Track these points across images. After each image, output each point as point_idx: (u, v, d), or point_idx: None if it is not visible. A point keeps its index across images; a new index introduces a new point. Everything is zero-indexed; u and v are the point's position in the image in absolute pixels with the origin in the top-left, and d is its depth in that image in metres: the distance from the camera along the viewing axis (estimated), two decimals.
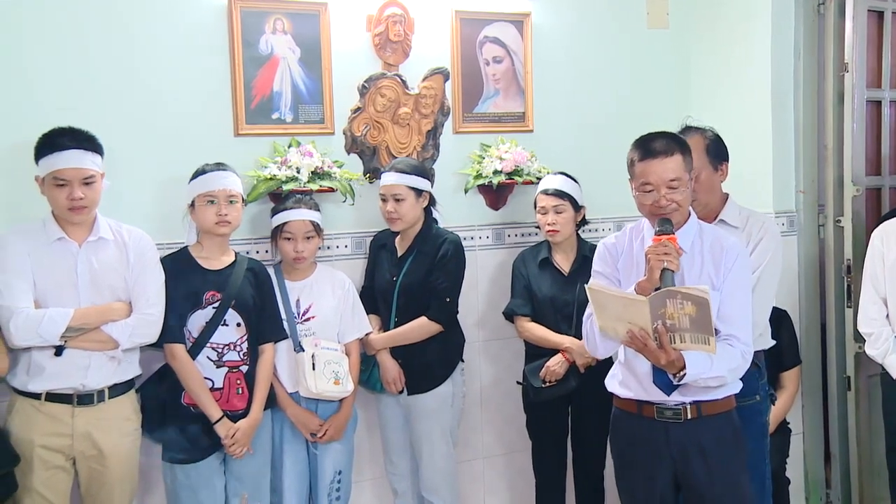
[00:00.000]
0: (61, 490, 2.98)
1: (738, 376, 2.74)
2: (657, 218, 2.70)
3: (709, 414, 2.74)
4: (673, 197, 2.68)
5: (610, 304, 2.62)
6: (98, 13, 3.33)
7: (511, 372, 4.06)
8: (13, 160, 3.12)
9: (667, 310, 2.48)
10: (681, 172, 2.69)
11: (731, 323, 2.69)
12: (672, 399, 2.74)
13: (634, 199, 2.78)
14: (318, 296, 3.47)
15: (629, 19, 4.38)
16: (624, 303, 2.58)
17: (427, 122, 3.92)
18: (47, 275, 2.93)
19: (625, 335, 2.59)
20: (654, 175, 2.68)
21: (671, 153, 2.69)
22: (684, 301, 2.43)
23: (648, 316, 2.50)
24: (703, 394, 2.71)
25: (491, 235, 4.13)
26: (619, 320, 2.60)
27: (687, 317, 2.45)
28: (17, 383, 2.95)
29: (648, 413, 2.79)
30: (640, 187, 2.73)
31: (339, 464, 3.48)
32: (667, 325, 2.50)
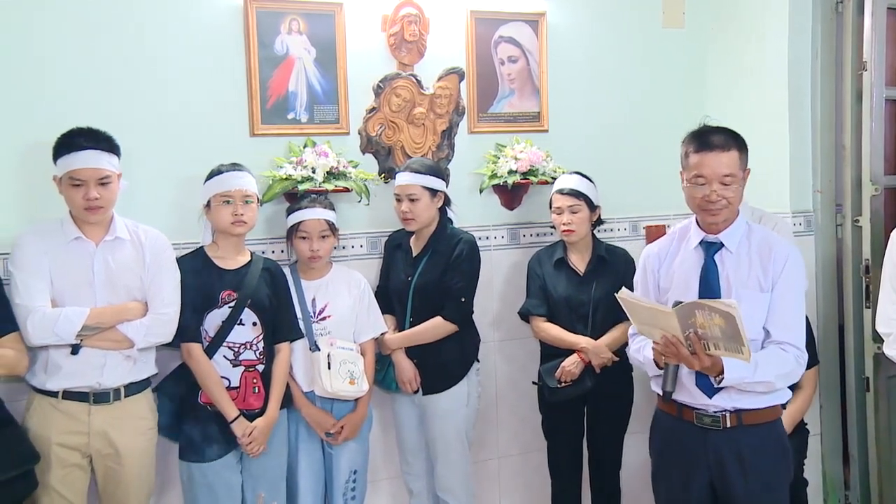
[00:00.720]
0: (78, 488, 3.00)
1: (790, 382, 2.70)
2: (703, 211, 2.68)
3: (750, 423, 2.71)
4: (724, 193, 2.65)
5: (640, 313, 2.62)
6: (115, 14, 3.35)
7: (526, 372, 4.05)
8: (33, 160, 3.15)
9: (696, 319, 2.47)
10: (735, 169, 2.66)
11: (782, 327, 2.66)
12: (712, 405, 2.71)
13: (684, 191, 2.75)
14: (334, 295, 3.48)
15: (645, 18, 4.36)
16: (653, 313, 2.58)
17: (442, 122, 3.92)
18: (64, 274, 2.95)
19: (659, 339, 2.58)
20: (708, 168, 2.65)
21: (728, 148, 2.66)
22: (712, 313, 2.42)
23: (677, 326, 2.50)
24: (746, 401, 2.68)
25: (506, 235, 4.12)
26: (651, 326, 2.60)
27: (717, 327, 2.43)
28: (35, 382, 2.97)
29: (688, 417, 2.78)
30: (692, 180, 2.70)
31: (355, 463, 3.48)
32: (699, 334, 2.49)
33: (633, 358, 2.93)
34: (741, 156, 2.69)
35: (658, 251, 2.91)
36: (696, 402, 2.75)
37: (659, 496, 2.95)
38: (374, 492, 3.81)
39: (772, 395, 2.71)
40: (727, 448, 2.71)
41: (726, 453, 2.71)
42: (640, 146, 4.33)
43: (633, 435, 3.86)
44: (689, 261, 2.79)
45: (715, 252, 2.75)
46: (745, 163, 2.72)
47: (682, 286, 2.77)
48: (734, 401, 2.69)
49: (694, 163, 2.69)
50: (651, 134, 4.32)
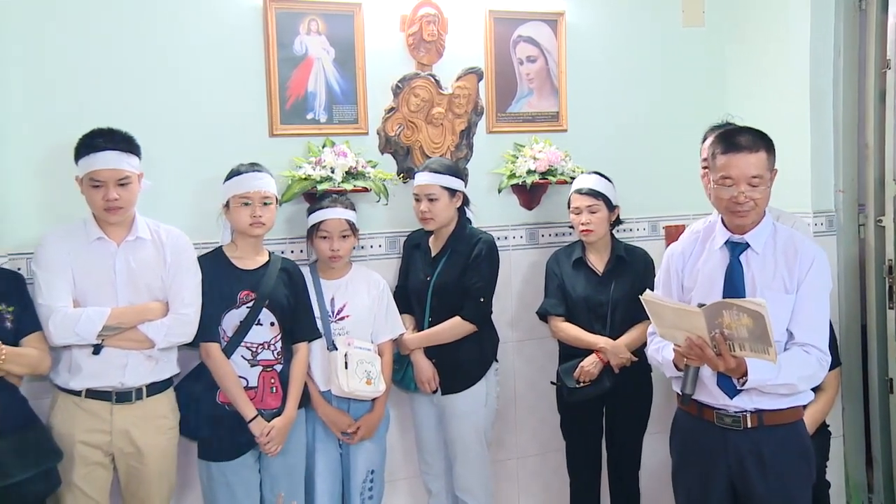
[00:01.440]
0: (101, 486, 3.02)
1: (813, 385, 2.68)
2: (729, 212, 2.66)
3: (771, 424, 2.68)
4: (752, 195, 2.63)
5: (665, 314, 2.60)
6: (135, 15, 3.38)
7: (545, 372, 4.05)
8: (56, 161, 3.17)
9: (723, 319, 2.45)
10: (763, 170, 2.64)
11: (806, 329, 2.64)
12: (733, 405, 2.70)
13: (711, 191, 2.74)
14: (353, 295, 3.48)
15: (664, 17, 4.34)
16: (679, 313, 2.56)
17: (461, 122, 3.92)
18: (86, 274, 2.98)
19: (683, 342, 2.57)
20: (735, 169, 2.63)
21: (756, 149, 2.63)
22: (740, 313, 2.40)
23: (704, 326, 2.48)
24: (768, 402, 2.66)
25: (525, 235, 4.12)
26: (675, 328, 2.58)
27: (744, 327, 2.41)
28: (59, 381, 3.00)
29: (708, 417, 2.76)
30: (719, 181, 2.68)
31: (372, 463, 3.49)
32: (725, 334, 2.47)
33: (652, 358, 2.92)
34: (769, 157, 2.67)
35: (682, 250, 2.90)
36: (717, 402, 2.73)
37: (679, 496, 2.94)
38: (392, 491, 3.82)
39: (793, 396, 2.69)
40: (747, 448, 2.69)
41: (746, 454, 2.69)
42: (660, 146, 4.31)
43: (652, 435, 3.85)
44: (714, 261, 2.77)
45: (740, 252, 2.73)
46: (773, 163, 2.69)
47: (706, 286, 2.75)
48: (755, 401, 2.67)
49: (721, 164, 2.67)
50: (671, 133, 4.30)
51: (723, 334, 2.47)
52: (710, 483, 2.76)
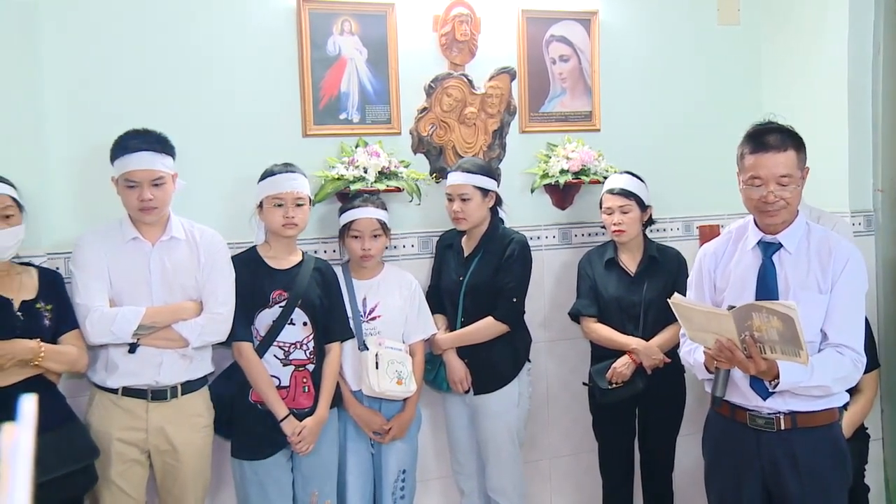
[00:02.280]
0: (137, 483, 3.06)
1: (848, 386, 2.64)
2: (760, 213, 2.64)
3: (805, 426, 2.64)
4: (782, 194, 2.59)
5: (694, 317, 2.58)
6: (169, 17, 3.41)
7: (577, 373, 4.03)
8: (93, 161, 3.21)
9: (753, 322, 2.42)
10: (793, 169, 2.60)
11: (840, 330, 2.59)
12: (766, 407, 2.66)
13: (741, 192, 2.71)
14: (385, 295, 3.49)
15: (699, 15, 4.31)
16: (708, 317, 2.53)
17: (493, 122, 3.91)
18: (122, 274, 3.01)
19: (713, 345, 2.54)
20: (764, 169, 2.59)
21: (784, 148, 2.59)
22: (770, 315, 2.37)
23: (734, 328, 2.45)
24: (801, 404, 2.62)
25: (557, 235, 4.10)
26: (705, 331, 2.56)
27: (774, 330, 2.38)
28: (96, 379, 3.03)
29: (741, 418, 2.72)
30: (748, 181, 2.64)
31: (403, 463, 3.50)
32: (755, 337, 2.44)
33: (685, 360, 2.89)
34: (799, 155, 2.63)
35: (714, 251, 2.87)
36: (750, 403, 2.70)
37: (711, 498, 2.91)
38: (424, 491, 3.83)
39: (828, 398, 2.64)
40: (781, 451, 2.66)
41: (780, 456, 2.66)
42: (695, 145, 4.28)
43: (685, 436, 3.82)
44: (746, 261, 2.74)
45: (773, 252, 2.70)
46: (804, 162, 2.65)
47: (738, 287, 2.72)
48: (789, 403, 2.63)
49: (750, 164, 2.64)
50: (705, 133, 4.27)
51: (753, 337, 2.44)
52: (743, 485, 2.73)
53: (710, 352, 2.57)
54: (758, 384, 2.65)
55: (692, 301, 2.73)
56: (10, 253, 2.85)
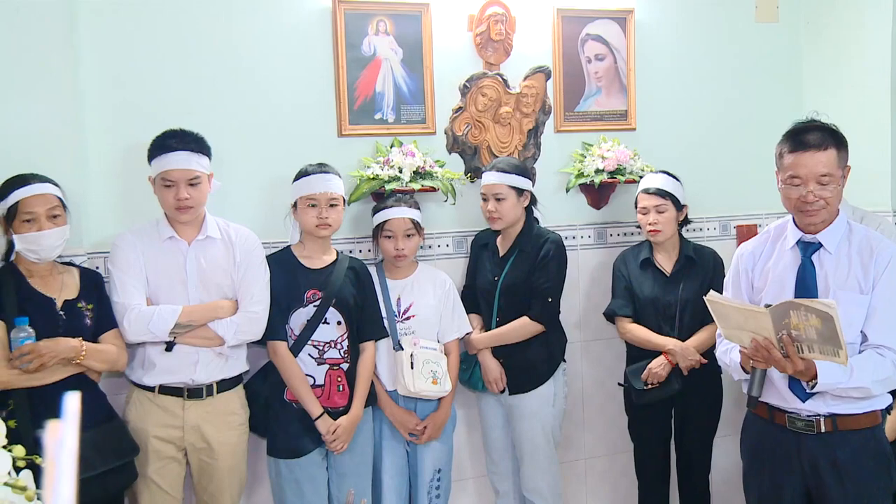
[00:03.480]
0: (174, 480, 3.09)
1: (889, 388, 2.59)
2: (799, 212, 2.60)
3: (847, 429, 2.60)
4: (822, 193, 2.55)
5: (731, 315, 2.54)
6: (206, 19, 3.44)
7: (613, 373, 4.01)
8: (130, 161, 3.25)
9: (791, 320, 2.38)
10: (833, 168, 2.55)
11: (881, 331, 2.54)
12: (806, 408, 2.62)
13: (779, 191, 2.68)
14: (419, 294, 3.50)
15: (736, 13, 4.27)
16: (745, 314, 2.49)
17: (528, 121, 3.91)
18: (159, 273, 3.04)
19: (749, 344, 2.51)
20: (803, 169, 2.55)
21: (824, 147, 2.55)
22: (808, 314, 2.32)
23: (771, 327, 2.42)
24: (842, 406, 2.58)
25: (592, 235, 4.09)
26: (741, 329, 2.52)
27: (813, 328, 2.33)
28: (133, 377, 3.07)
29: (780, 420, 2.69)
30: (787, 180, 2.61)
31: (439, 462, 3.50)
32: (792, 336, 2.40)
33: (721, 360, 2.87)
34: (839, 154, 2.58)
35: (752, 250, 2.83)
36: (789, 405, 2.66)
37: (750, 501, 2.88)
38: (459, 491, 3.83)
39: (870, 400, 2.60)
40: (822, 454, 2.61)
41: (821, 459, 2.61)
42: (732, 144, 4.24)
43: (722, 438, 3.80)
44: (785, 260, 2.70)
45: (813, 252, 2.66)
46: (845, 161, 2.61)
47: (777, 286, 2.69)
48: (829, 405, 2.59)
49: (789, 163, 2.60)
50: (743, 132, 4.23)
51: (790, 336, 2.40)
52: (782, 488, 2.69)
53: (747, 351, 2.54)
54: (796, 386, 2.61)
55: (729, 298, 2.70)
56: (56, 253, 2.89)
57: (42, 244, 2.81)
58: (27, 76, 3.10)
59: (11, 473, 1.28)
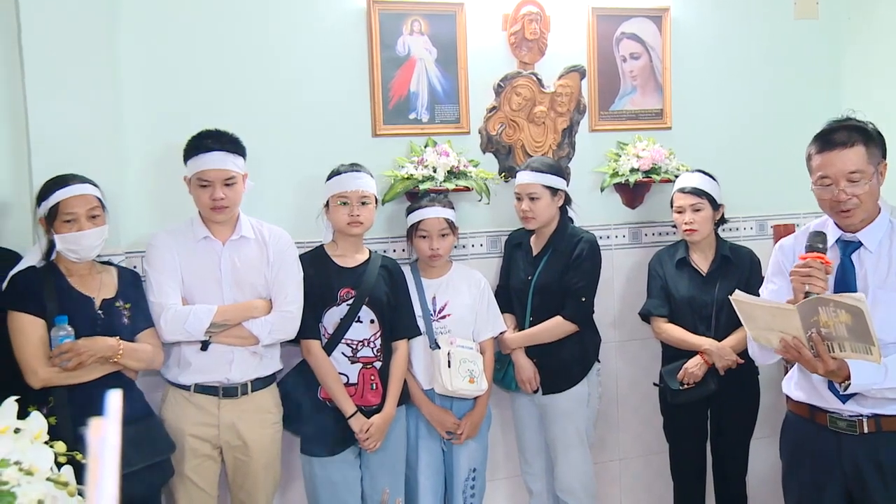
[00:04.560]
0: (210, 477, 3.12)
1: None
2: (835, 213, 2.55)
3: (891, 430, 2.53)
4: (854, 191, 2.50)
5: (758, 314, 2.49)
6: (242, 19, 3.46)
7: (648, 373, 3.99)
8: (168, 161, 3.27)
9: (820, 317, 2.33)
10: (863, 164, 2.49)
11: None
12: (847, 409, 2.56)
13: (813, 193, 2.64)
14: (454, 294, 3.50)
15: (774, 10, 4.22)
16: (772, 312, 2.45)
17: (563, 121, 3.89)
18: (194, 272, 3.07)
19: (778, 344, 2.47)
20: (832, 168, 2.50)
21: (852, 144, 2.50)
22: (837, 309, 2.27)
23: (800, 325, 2.36)
24: (886, 407, 2.51)
25: (627, 234, 4.07)
26: (769, 329, 2.48)
27: (843, 325, 2.27)
28: (169, 376, 3.10)
29: (821, 420, 2.63)
30: (817, 181, 2.56)
31: (474, 461, 3.50)
32: (822, 333, 2.35)
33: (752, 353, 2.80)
34: (868, 149, 2.51)
35: (792, 245, 2.79)
36: (829, 405, 2.62)
37: (789, 502, 2.83)
38: (493, 490, 3.82)
39: None
40: (865, 455, 2.55)
41: (864, 461, 2.55)
42: (769, 143, 4.20)
43: (760, 439, 3.76)
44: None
45: (853, 251, 2.60)
46: (876, 156, 2.54)
47: None
48: (871, 406, 2.54)
49: (817, 164, 2.56)
50: (781, 130, 4.18)
51: (820, 333, 2.35)
52: (823, 490, 2.64)
53: (777, 352, 2.50)
54: (834, 386, 2.57)
55: (755, 297, 2.65)
56: (95, 252, 2.92)
57: (82, 244, 2.85)
58: (68, 78, 3.13)
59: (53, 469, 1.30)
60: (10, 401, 1.38)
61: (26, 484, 1.18)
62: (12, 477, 1.16)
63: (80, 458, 1.31)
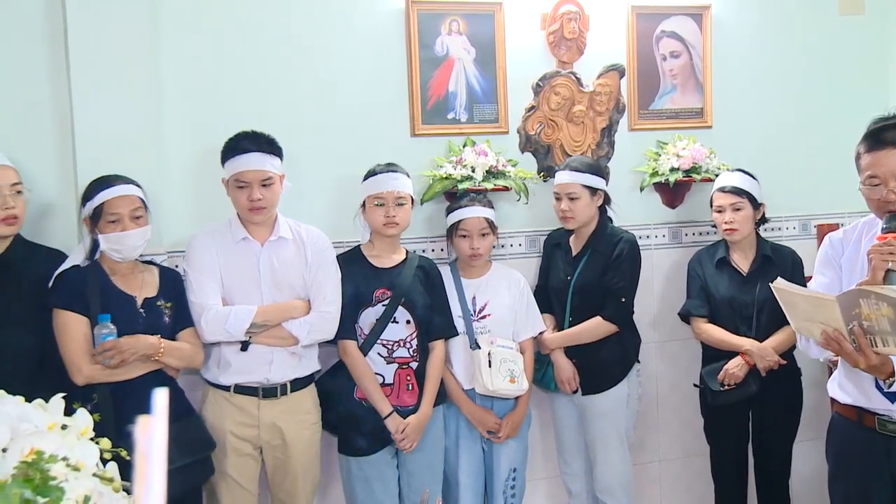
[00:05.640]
0: (251, 476, 3.14)
1: None
2: (883, 214, 2.51)
3: None
4: None
5: (798, 304, 2.46)
6: (281, 20, 3.48)
7: (688, 374, 3.95)
8: (205, 163, 3.30)
9: (861, 310, 2.29)
10: None
11: None
12: None
13: (861, 193, 2.60)
14: (494, 294, 3.49)
15: (818, 5, 4.17)
16: (812, 302, 2.41)
17: (602, 120, 3.87)
18: (233, 273, 3.08)
19: (819, 337, 2.43)
20: (881, 167, 2.45)
21: None
22: (879, 302, 2.22)
23: (839, 316, 2.32)
24: None
25: (667, 234, 4.03)
26: (811, 321, 2.43)
27: (885, 318, 2.22)
28: (209, 376, 3.12)
29: (869, 423, 2.58)
30: (866, 181, 2.51)
31: (514, 461, 3.49)
32: (864, 327, 2.31)
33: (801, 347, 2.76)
34: None
35: (842, 238, 2.74)
36: (878, 407, 2.57)
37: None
38: (532, 491, 3.81)
39: None
40: None
41: None
42: (813, 141, 4.14)
43: (803, 442, 3.71)
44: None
45: None
46: None
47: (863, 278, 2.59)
48: None
49: (866, 163, 2.51)
50: (825, 128, 4.13)
51: (862, 327, 2.31)
52: (871, 495, 2.59)
53: (819, 345, 2.46)
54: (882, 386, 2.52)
55: (796, 286, 2.61)
56: (138, 252, 2.95)
57: (125, 244, 2.89)
58: (112, 82, 3.17)
59: (99, 465, 1.32)
60: (58, 398, 1.41)
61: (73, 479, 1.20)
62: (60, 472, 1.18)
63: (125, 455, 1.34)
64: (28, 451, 1.19)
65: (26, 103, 3.17)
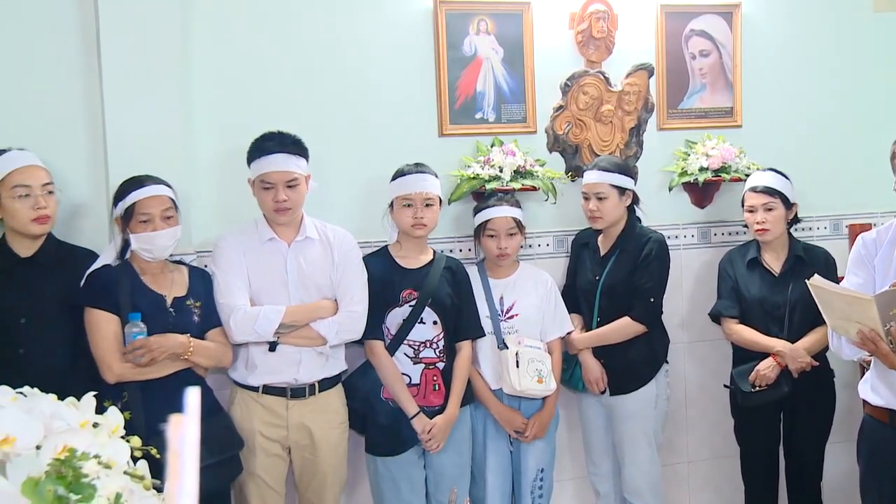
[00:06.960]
0: (278, 476, 3.15)
1: None
2: None
3: None
4: None
5: (834, 302, 2.44)
6: (309, 20, 3.49)
7: (718, 375, 3.92)
8: (237, 162, 3.29)
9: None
10: None
11: None
12: None
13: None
14: (521, 294, 3.48)
15: (852, 2, 4.11)
16: (849, 301, 2.39)
17: (630, 120, 3.85)
18: (260, 273, 3.09)
19: (855, 336, 2.40)
20: None
21: None
22: None
23: (877, 316, 2.30)
24: None
25: (696, 234, 4.01)
26: (847, 319, 2.41)
27: None
28: (237, 376, 3.13)
29: None
30: None
31: (542, 462, 3.48)
32: None
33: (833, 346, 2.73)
34: None
35: (875, 238, 2.71)
36: None
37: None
38: (559, 492, 3.80)
39: None
40: None
41: None
42: (845, 141, 4.10)
43: (835, 444, 3.67)
44: None
45: None
46: None
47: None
48: None
49: None
50: (858, 127, 4.08)
51: None
52: None
53: (855, 344, 2.43)
54: None
55: (832, 284, 2.58)
56: (169, 252, 2.98)
57: (156, 244, 2.91)
58: (143, 84, 3.19)
59: (129, 463, 1.33)
60: (89, 396, 1.42)
61: (105, 477, 1.21)
62: (92, 470, 1.19)
63: (155, 453, 1.35)
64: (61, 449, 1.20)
65: (58, 104, 3.20)
